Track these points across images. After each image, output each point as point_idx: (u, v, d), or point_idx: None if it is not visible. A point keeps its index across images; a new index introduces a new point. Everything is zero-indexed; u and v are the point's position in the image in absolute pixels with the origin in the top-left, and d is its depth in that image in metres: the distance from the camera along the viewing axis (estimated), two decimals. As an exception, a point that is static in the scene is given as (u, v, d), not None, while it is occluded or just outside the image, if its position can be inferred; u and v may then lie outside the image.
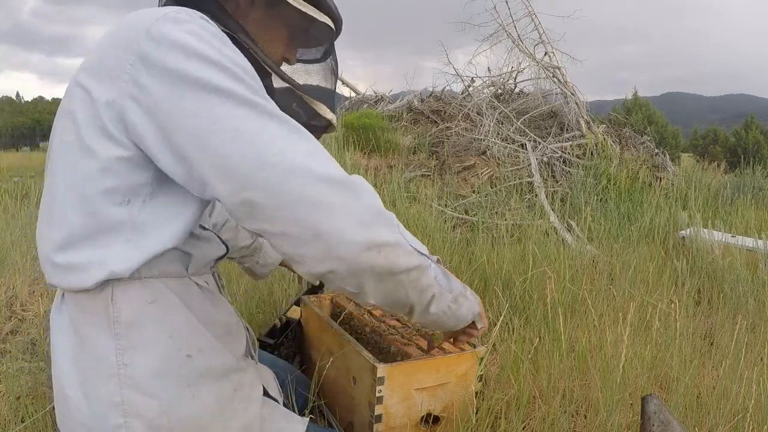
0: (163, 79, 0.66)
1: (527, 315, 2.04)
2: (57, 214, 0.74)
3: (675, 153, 17.49)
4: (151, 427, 0.74)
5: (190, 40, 0.67)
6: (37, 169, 8.95)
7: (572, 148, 5.41)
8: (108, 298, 0.75)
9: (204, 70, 0.66)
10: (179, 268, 0.80)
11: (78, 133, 0.72)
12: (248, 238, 1.28)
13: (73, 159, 0.73)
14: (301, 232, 0.64)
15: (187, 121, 0.65)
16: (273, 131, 0.65)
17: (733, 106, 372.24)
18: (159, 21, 0.68)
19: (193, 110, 0.65)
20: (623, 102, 26.00)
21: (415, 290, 0.75)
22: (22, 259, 2.53)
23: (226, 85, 0.65)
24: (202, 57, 0.66)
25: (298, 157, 0.65)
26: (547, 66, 6.09)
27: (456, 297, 0.83)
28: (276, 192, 0.63)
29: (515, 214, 3.89)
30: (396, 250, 0.70)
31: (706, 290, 2.59)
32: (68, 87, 0.77)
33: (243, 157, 0.63)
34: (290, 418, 0.92)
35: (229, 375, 0.82)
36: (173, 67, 0.66)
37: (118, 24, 0.76)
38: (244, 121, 0.65)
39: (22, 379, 1.45)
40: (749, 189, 5.18)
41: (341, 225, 0.65)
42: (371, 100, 7.11)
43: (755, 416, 1.37)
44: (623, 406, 1.37)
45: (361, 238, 0.66)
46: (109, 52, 0.71)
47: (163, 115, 0.66)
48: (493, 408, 1.28)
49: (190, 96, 0.65)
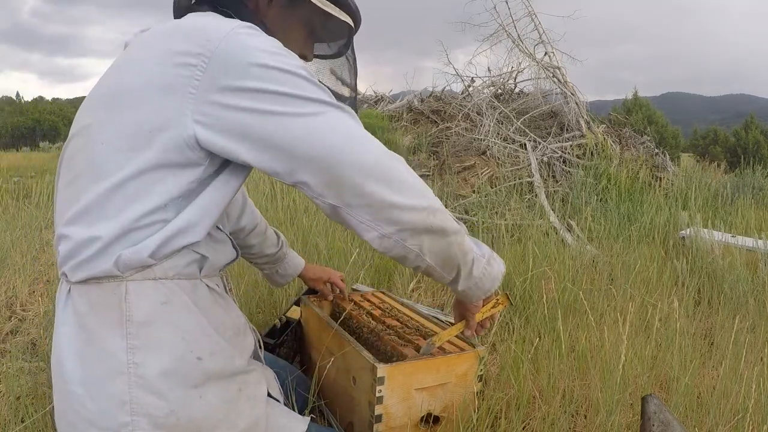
0: (244, 95, 0.71)
1: (527, 315, 2.04)
2: (94, 212, 0.75)
3: (675, 153, 17.49)
4: (158, 426, 0.74)
5: (263, 57, 0.72)
6: (37, 169, 8.95)
7: (572, 148, 5.41)
8: (122, 296, 0.75)
9: (279, 84, 0.72)
10: (193, 270, 0.81)
11: (118, 138, 0.75)
12: (274, 246, 1.32)
13: (118, 161, 0.75)
14: (378, 203, 0.74)
15: (270, 132, 0.72)
16: (348, 124, 0.74)
17: (733, 106, 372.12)
18: (229, 36, 0.73)
19: (277, 121, 0.71)
20: (623, 102, 25.99)
21: (461, 251, 0.86)
22: (22, 259, 2.53)
23: (298, 92, 0.72)
24: (278, 70, 0.72)
25: (369, 143, 0.75)
26: (547, 66, 6.09)
27: (488, 259, 0.93)
28: (358, 172, 0.73)
29: (515, 214, 3.89)
30: (445, 215, 0.81)
31: (706, 290, 2.59)
32: (102, 89, 0.80)
33: (328, 150, 0.72)
34: (292, 416, 0.92)
35: (235, 376, 0.83)
36: (251, 86, 0.71)
37: (166, 32, 0.78)
38: (323, 122, 0.73)
39: (22, 379, 1.45)
40: (749, 189, 5.18)
41: (408, 194, 0.76)
42: (371, 100, 7.11)
43: (755, 416, 1.37)
44: (623, 406, 1.37)
45: (423, 203, 0.77)
46: (167, 63, 0.73)
47: (246, 128, 0.72)
48: (493, 408, 1.28)
49: (269, 107, 0.71)
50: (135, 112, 0.74)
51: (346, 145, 0.72)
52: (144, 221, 0.75)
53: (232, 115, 0.72)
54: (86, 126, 0.79)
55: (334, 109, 0.74)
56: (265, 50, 0.73)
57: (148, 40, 0.80)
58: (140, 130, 0.74)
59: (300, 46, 0.93)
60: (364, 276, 2.37)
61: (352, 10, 0.91)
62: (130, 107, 0.75)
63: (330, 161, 0.72)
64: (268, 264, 1.35)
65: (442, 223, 0.80)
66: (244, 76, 0.71)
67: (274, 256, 1.33)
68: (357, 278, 2.32)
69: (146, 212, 0.75)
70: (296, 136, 0.71)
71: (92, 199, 0.75)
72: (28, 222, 3.26)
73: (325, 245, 2.55)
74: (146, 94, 0.74)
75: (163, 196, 0.75)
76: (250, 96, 0.71)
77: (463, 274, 0.88)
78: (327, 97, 0.74)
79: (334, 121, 0.73)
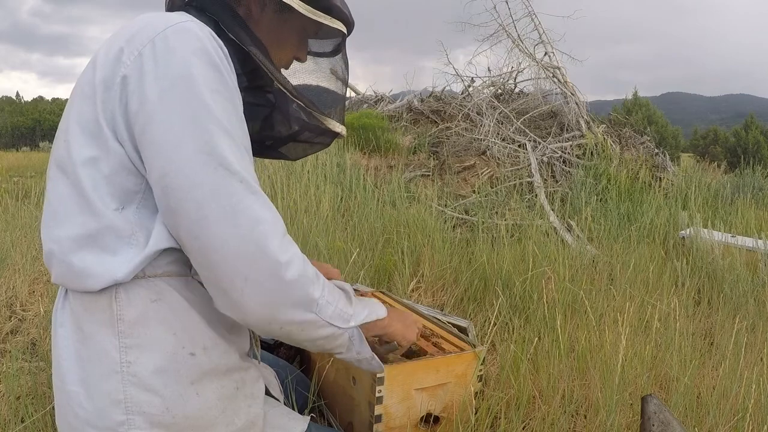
0: (150, 99, 0.70)
1: (527, 315, 2.04)
2: (62, 214, 0.76)
3: (675, 153, 17.49)
4: (154, 424, 0.74)
5: (187, 67, 0.71)
6: (37, 169, 8.95)
7: (572, 148, 5.41)
8: (111, 297, 0.76)
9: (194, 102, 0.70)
10: (182, 268, 0.81)
11: (79, 138, 0.75)
12: None
13: (77, 163, 0.74)
14: (230, 296, 0.72)
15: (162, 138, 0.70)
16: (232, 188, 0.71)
17: (733, 106, 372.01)
18: (156, 39, 0.72)
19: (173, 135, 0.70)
20: (623, 102, 25.99)
21: (328, 346, 0.84)
22: (22, 259, 2.53)
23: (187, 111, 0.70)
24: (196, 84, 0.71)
25: (229, 222, 0.71)
26: (547, 66, 6.09)
27: (360, 360, 0.90)
28: (221, 250, 0.70)
29: (515, 214, 3.89)
30: (309, 327, 0.78)
31: (706, 290, 2.59)
32: (77, 85, 0.79)
33: (196, 205, 0.70)
34: (291, 416, 0.92)
35: (231, 373, 0.83)
36: (158, 93, 0.70)
37: (122, 28, 0.78)
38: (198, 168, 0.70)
39: (22, 379, 1.45)
40: (749, 189, 5.18)
41: (260, 304, 0.73)
42: (371, 100, 7.11)
43: (755, 416, 1.37)
44: (623, 406, 1.37)
45: (282, 317, 0.75)
46: (109, 58, 0.74)
47: (140, 129, 0.71)
48: (493, 408, 1.28)
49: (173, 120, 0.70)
50: (86, 110, 0.75)
51: (207, 215, 0.70)
52: (107, 223, 0.74)
53: (135, 116, 0.71)
54: (60, 128, 0.81)
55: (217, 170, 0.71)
56: (177, 64, 0.71)
57: (108, 38, 0.80)
58: (88, 127, 0.74)
59: (294, 49, 0.93)
60: (364, 276, 2.37)
61: (345, 16, 0.90)
62: (83, 105, 0.76)
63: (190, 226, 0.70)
64: None
65: (305, 333, 0.79)
66: (155, 83, 0.71)
67: None
68: (357, 278, 2.32)
69: (107, 214, 0.74)
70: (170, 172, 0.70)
71: (59, 199, 0.76)
72: (28, 222, 3.26)
73: (325, 245, 2.55)
74: (95, 90, 0.74)
75: (117, 198, 0.75)
76: (156, 102, 0.71)
77: (341, 356, 0.88)
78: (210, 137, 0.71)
79: (208, 183, 0.70)
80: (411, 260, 2.51)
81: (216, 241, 0.69)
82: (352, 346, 0.86)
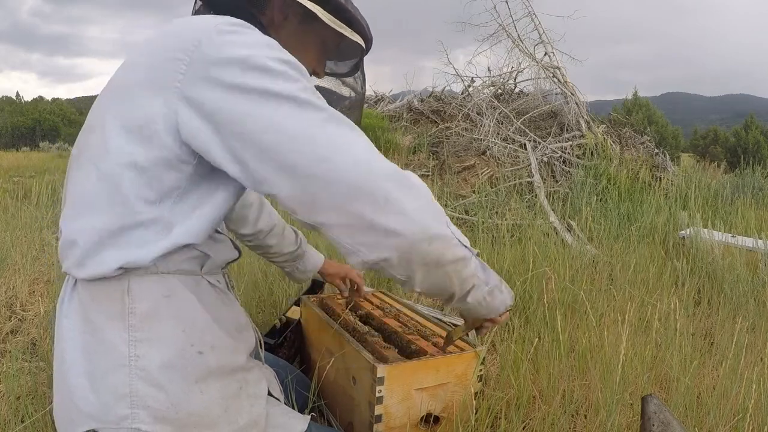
0: (222, 89, 0.68)
1: (527, 315, 2.04)
2: (86, 205, 0.76)
3: (675, 153, 17.49)
4: (158, 419, 0.75)
5: (244, 51, 0.69)
6: (37, 169, 8.95)
7: (572, 148, 5.41)
8: (124, 289, 0.76)
9: (259, 78, 0.67)
10: (194, 266, 0.82)
11: (117, 132, 0.74)
12: (293, 244, 1.35)
13: (111, 156, 0.74)
14: (359, 224, 0.67)
15: (245, 127, 0.67)
16: (331, 129, 0.67)
17: (733, 106, 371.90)
18: (213, 32, 0.70)
19: (252, 116, 0.67)
20: (623, 102, 26.00)
21: (457, 280, 0.79)
22: (22, 259, 2.53)
23: (280, 88, 0.67)
24: (258, 66, 0.68)
25: (357, 154, 0.67)
26: (547, 66, 6.09)
27: (492, 289, 0.86)
28: (337, 187, 0.65)
29: (515, 214, 3.89)
30: (445, 243, 0.72)
31: (706, 290, 2.59)
32: (116, 83, 0.79)
33: (303, 156, 0.65)
34: (292, 415, 0.93)
35: (235, 373, 0.84)
36: (230, 80, 0.68)
37: (164, 31, 0.78)
38: (302, 122, 0.66)
39: (22, 379, 1.45)
40: (749, 189, 5.18)
41: (397, 218, 0.67)
42: (371, 100, 7.11)
43: (755, 416, 1.37)
44: (623, 406, 1.37)
45: (415, 230, 0.68)
46: (159, 59, 0.73)
47: (221, 120, 0.68)
48: (493, 408, 1.28)
49: (247, 102, 0.67)
50: (131, 109, 0.74)
51: (327, 153, 0.65)
52: (138, 218, 0.74)
53: (208, 107, 0.69)
54: (90, 123, 0.80)
55: (319, 111, 0.68)
56: (248, 45, 0.70)
57: (147, 40, 0.81)
58: (134, 125, 0.74)
59: (313, 63, 0.94)
60: (364, 276, 2.37)
61: (365, 31, 0.90)
62: (126, 103, 0.75)
63: (300, 168, 0.65)
64: (288, 262, 1.37)
65: (438, 253, 0.72)
66: (224, 70, 0.68)
67: (294, 254, 1.36)
68: (357, 278, 2.32)
69: (139, 208, 0.74)
70: (267, 140, 0.66)
71: (87, 192, 0.76)
72: (28, 222, 3.26)
73: (325, 245, 2.55)
74: (141, 90, 0.74)
75: (155, 192, 0.75)
76: (229, 90, 0.68)
77: (455, 299, 0.83)
78: (313, 97, 0.68)
79: (316, 124, 0.66)
80: (411, 260, 2.50)
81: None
82: (480, 274, 0.83)
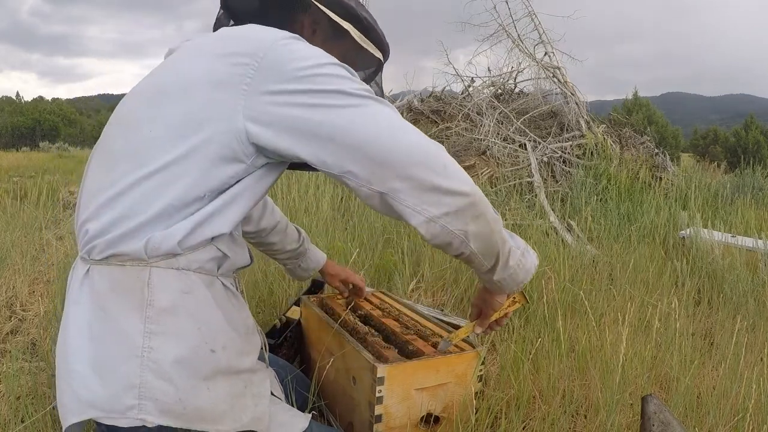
0: (292, 94, 0.76)
1: (527, 315, 2.04)
2: (124, 193, 0.78)
3: (675, 153, 17.49)
4: (164, 412, 0.75)
5: (309, 61, 0.78)
6: (37, 169, 8.95)
7: (572, 148, 5.41)
8: (145, 280, 0.77)
9: (329, 82, 0.77)
10: (213, 266, 0.84)
11: (173, 128, 0.79)
12: (295, 242, 1.37)
13: (164, 147, 0.78)
14: (424, 187, 0.77)
15: (321, 126, 0.76)
16: (394, 119, 0.79)
17: (733, 106, 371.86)
18: (278, 42, 0.79)
19: (333, 114, 0.76)
20: (623, 102, 26.00)
21: (500, 239, 0.88)
22: (22, 259, 2.53)
23: (348, 88, 0.78)
24: (323, 73, 0.78)
25: (412, 133, 0.79)
26: (547, 66, 6.09)
27: (523, 251, 0.95)
28: (406, 160, 0.76)
29: (515, 214, 3.89)
30: (486, 202, 0.84)
31: (706, 290, 2.59)
32: (154, 85, 0.84)
33: (380, 142, 0.76)
34: (294, 413, 0.95)
35: (241, 373, 0.85)
36: (300, 87, 0.76)
37: (219, 36, 0.83)
38: (372, 116, 0.77)
39: (22, 379, 1.45)
40: (749, 189, 5.18)
41: (452, 181, 0.79)
42: (371, 100, 7.10)
43: (755, 416, 1.37)
44: (623, 406, 1.37)
45: (467, 189, 0.80)
46: (220, 62, 0.78)
47: (297, 123, 0.77)
48: (493, 408, 1.28)
49: (327, 100, 0.77)
50: (185, 104, 0.78)
51: (389, 132, 0.76)
52: (180, 207, 0.78)
53: (282, 110, 0.76)
54: (129, 117, 0.83)
55: (375, 101, 0.79)
56: (311, 56, 0.79)
57: (199, 43, 0.85)
58: (190, 120, 0.78)
59: None
60: (365, 276, 2.37)
61: (384, 47, 1.02)
62: (180, 100, 0.79)
63: (374, 148, 0.76)
64: (290, 259, 1.39)
65: (485, 210, 0.83)
66: (292, 78, 0.76)
67: (296, 251, 1.38)
68: (357, 278, 2.32)
69: (184, 198, 0.78)
70: (341, 126, 0.76)
71: (131, 182, 0.78)
72: (28, 222, 3.26)
73: (325, 245, 2.55)
74: (197, 88, 0.78)
75: (201, 187, 0.78)
76: (298, 94, 0.76)
77: (500, 263, 0.90)
78: (368, 92, 0.79)
79: (376, 112, 0.77)
80: (411, 260, 2.51)
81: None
82: (508, 238, 0.92)
